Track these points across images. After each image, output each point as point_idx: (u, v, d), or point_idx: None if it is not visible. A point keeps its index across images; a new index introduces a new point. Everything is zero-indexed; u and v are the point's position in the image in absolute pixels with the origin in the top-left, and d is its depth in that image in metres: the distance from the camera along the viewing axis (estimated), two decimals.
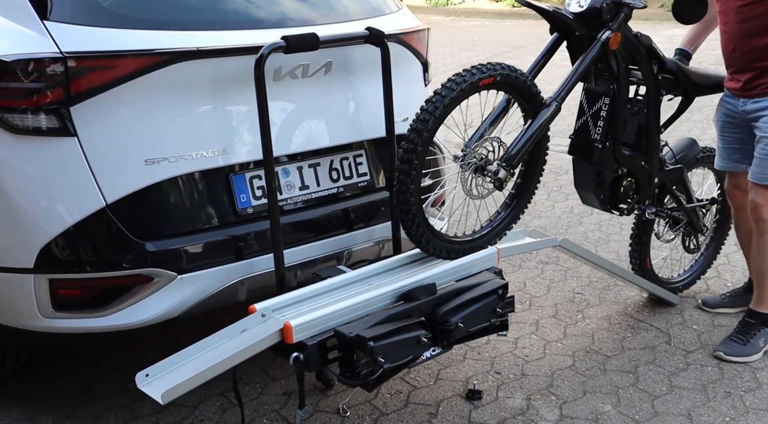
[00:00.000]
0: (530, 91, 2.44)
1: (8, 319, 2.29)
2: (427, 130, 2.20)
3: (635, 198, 2.99)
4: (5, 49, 2.11)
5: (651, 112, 2.89)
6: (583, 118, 2.83)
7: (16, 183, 2.17)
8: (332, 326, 2.17)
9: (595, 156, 2.80)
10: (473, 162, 2.38)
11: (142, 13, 2.33)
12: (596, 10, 2.53)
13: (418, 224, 2.30)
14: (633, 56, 2.75)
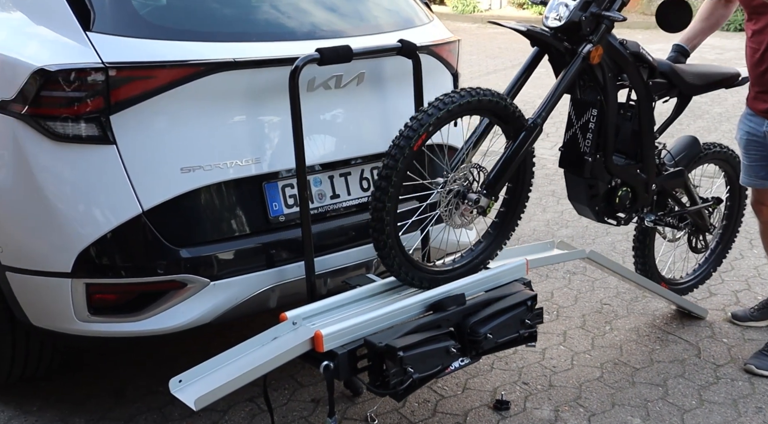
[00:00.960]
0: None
1: (45, 322, 2.34)
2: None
3: (632, 207, 2.89)
4: (49, 58, 2.16)
5: (643, 119, 2.77)
6: (571, 131, 2.73)
7: (57, 189, 2.22)
8: (362, 335, 2.19)
9: (585, 169, 2.69)
10: (453, 189, 2.31)
11: (181, 25, 2.38)
12: (575, 23, 2.44)
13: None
14: (619, 65, 2.64)
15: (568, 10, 2.44)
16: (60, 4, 2.26)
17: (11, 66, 2.25)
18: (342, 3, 2.84)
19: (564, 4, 2.46)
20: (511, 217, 2.58)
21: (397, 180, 2.14)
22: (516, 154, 2.37)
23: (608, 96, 2.61)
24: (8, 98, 2.21)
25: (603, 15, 2.43)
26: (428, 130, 2.16)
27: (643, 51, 2.70)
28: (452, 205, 2.33)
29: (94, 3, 2.26)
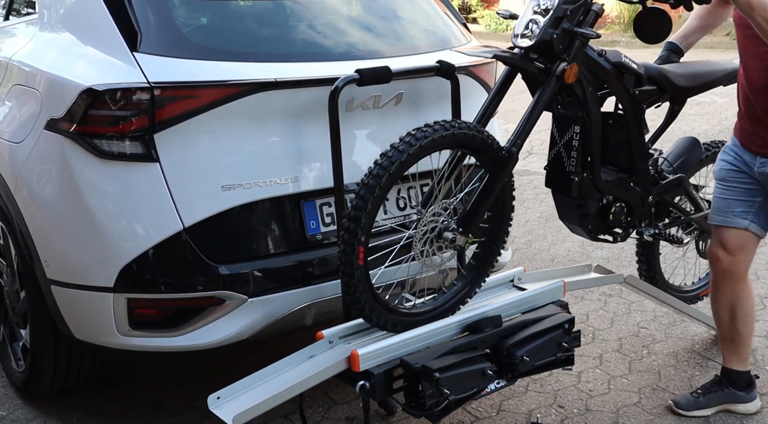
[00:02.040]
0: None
1: (87, 335, 2.38)
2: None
3: (629, 222, 2.71)
4: (97, 78, 2.22)
5: (632, 130, 2.57)
6: (555, 149, 2.55)
7: (101, 205, 2.27)
8: (398, 356, 2.19)
9: (573, 189, 2.52)
10: (427, 229, 2.21)
11: (223, 46, 2.43)
12: (546, 42, 2.27)
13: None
14: (600, 78, 2.47)
15: (538, 27, 2.28)
16: (108, 26, 2.32)
17: (60, 85, 2.32)
18: (380, 23, 2.88)
19: (534, 20, 2.30)
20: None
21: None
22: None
23: (590, 111, 2.46)
24: (57, 117, 2.27)
25: (576, 32, 2.27)
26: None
27: (625, 60, 2.52)
28: (427, 246, 2.22)
29: (141, 24, 2.32)
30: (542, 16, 2.28)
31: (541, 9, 2.30)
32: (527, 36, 2.30)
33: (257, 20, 2.66)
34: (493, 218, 2.39)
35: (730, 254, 2.59)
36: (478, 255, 2.43)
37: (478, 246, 2.41)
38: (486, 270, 2.43)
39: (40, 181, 2.38)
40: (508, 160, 2.24)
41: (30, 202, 2.39)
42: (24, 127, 2.41)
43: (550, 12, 2.27)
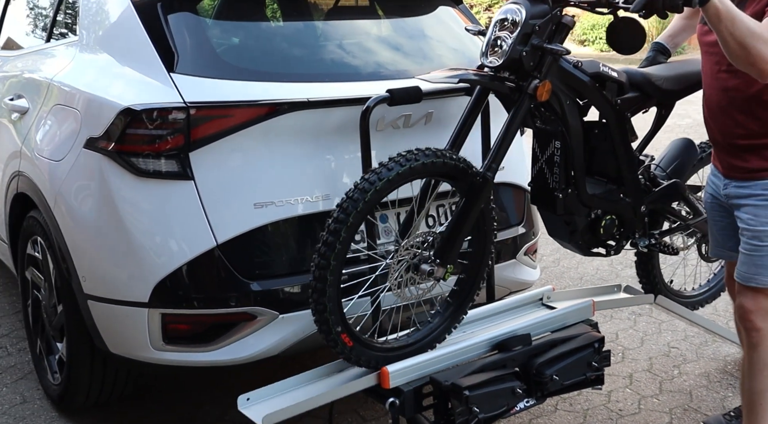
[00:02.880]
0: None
1: (122, 349, 2.43)
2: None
3: (622, 234, 2.60)
4: (135, 98, 2.28)
5: (616, 140, 2.45)
6: (537, 165, 2.46)
7: (137, 222, 2.32)
8: (428, 373, 2.20)
9: (558, 207, 2.41)
10: (404, 260, 2.15)
11: (257, 66, 2.48)
12: (516, 61, 2.17)
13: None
14: (577, 90, 2.36)
15: (506, 45, 2.16)
16: (146, 47, 2.39)
17: (99, 105, 2.39)
18: (409, 43, 2.91)
19: (502, 38, 2.18)
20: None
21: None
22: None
23: (569, 126, 2.35)
24: (96, 135, 2.34)
25: (546, 48, 2.17)
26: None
27: (604, 69, 2.41)
28: (404, 278, 2.17)
29: (178, 46, 2.38)
30: (510, 32, 2.17)
31: (508, 24, 2.19)
32: (496, 54, 2.20)
33: (289, 41, 2.71)
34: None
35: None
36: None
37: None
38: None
39: (79, 198, 2.45)
40: (483, 185, 2.18)
41: (68, 218, 2.45)
42: (64, 145, 2.48)
43: (517, 27, 2.16)
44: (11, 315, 3.59)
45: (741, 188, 2.28)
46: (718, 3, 1.95)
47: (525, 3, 2.18)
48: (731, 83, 2.22)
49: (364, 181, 2.03)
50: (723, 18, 1.96)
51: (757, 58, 1.96)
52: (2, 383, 3.01)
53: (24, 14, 3.36)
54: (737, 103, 2.22)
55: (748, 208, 2.27)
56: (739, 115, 2.23)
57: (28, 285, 2.91)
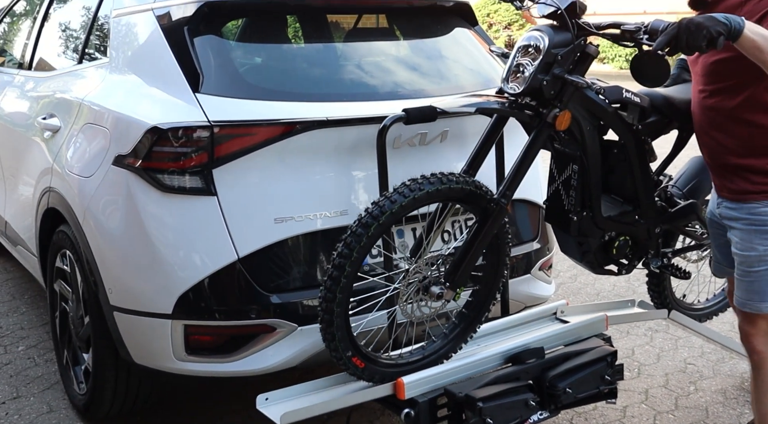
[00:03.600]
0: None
1: (146, 360, 2.50)
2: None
3: (635, 255, 2.60)
4: (161, 117, 2.38)
5: (635, 164, 2.43)
6: (554, 185, 2.47)
7: (162, 236, 2.40)
8: (442, 385, 2.25)
9: (572, 228, 2.41)
10: (414, 282, 2.18)
11: (278, 86, 2.57)
12: (536, 89, 2.17)
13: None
14: (598, 116, 2.34)
15: (527, 72, 2.17)
16: (173, 69, 2.49)
17: (127, 124, 2.48)
18: (426, 63, 2.99)
19: (524, 65, 2.18)
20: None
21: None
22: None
23: (588, 151, 2.35)
24: (124, 153, 2.43)
25: (567, 79, 2.15)
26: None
27: (626, 96, 2.39)
28: (413, 299, 2.20)
29: (203, 67, 2.48)
30: (532, 59, 2.17)
31: (531, 51, 2.19)
32: (517, 80, 2.20)
33: (309, 62, 2.81)
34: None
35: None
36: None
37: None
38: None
39: (106, 213, 2.54)
40: (496, 211, 2.19)
41: (97, 232, 2.55)
42: (93, 162, 2.58)
43: (540, 55, 2.15)
44: (38, 327, 3.69)
45: (731, 210, 2.27)
46: (752, 35, 1.90)
47: (548, 31, 2.18)
48: (709, 102, 2.22)
49: (367, 214, 2.05)
50: (763, 47, 1.91)
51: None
52: (29, 392, 3.10)
53: (56, 37, 3.49)
54: (717, 122, 2.22)
55: (736, 231, 2.26)
56: (719, 135, 2.23)
57: (57, 297, 3.01)
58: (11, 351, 3.45)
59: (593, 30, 2.20)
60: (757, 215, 2.19)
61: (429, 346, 2.35)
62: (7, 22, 4.29)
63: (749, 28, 1.90)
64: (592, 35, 2.22)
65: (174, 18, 2.57)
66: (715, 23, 1.89)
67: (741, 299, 2.28)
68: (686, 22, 1.92)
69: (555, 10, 2.17)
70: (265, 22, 2.82)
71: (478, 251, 2.22)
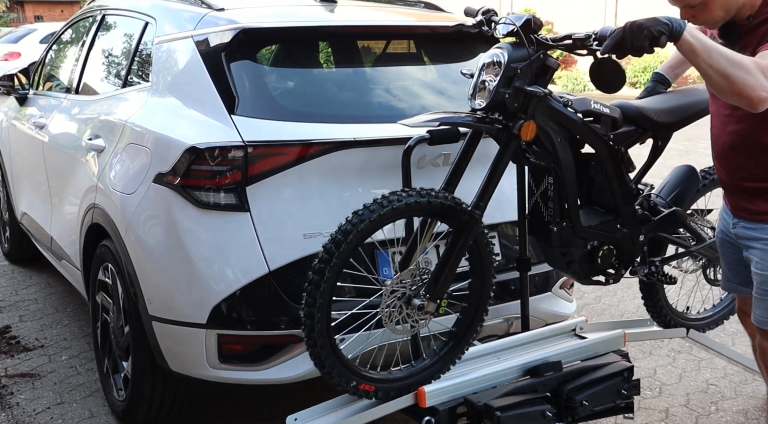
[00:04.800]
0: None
1: (181, 367, 2.64)
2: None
3: (621, 264, 2.61)
4: (199, 138, 2.53)
5: (610, 174, 2.48)
6: (533, 199, 2.52)
7: (198, 250, 2.54)
8: (462, 394, 2.34)
9: (554, 239, 2.46)
10: (397, 295, 2.24)
11: (309, 108, 2.72)
12: (500, 103, 2.25)
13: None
14: (568, 128, 2.39)
15: (490, 87, 2.24)
16: (210, 92, 2.65)
17: (167, 144, 2.64)
18: (451, 87, 3.11)
19: (487, 81, 2.26)
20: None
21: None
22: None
23: (561, 162, 2.39)
24: (164, 171, 2.59)
25: (526, 91, 2.23)
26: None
27: (594, 107, 2.44)
28: (396, 311, 2.25)
29: (239, 90, 2.63)
30: (494, 75, 2.25)
31: (493, 67, 2.26)
32: (482, 96, 2.28)
33: (339, 85, 2.95)
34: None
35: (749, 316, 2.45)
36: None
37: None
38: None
39: (147, 228, 2.69)
40: (470, 223, 2.26)
41: (137, 246, 2.70)
42: (135, 180, 2.74)
43: (501, 69, 2.23)
44: (80, 338, 3.86)
45: (749, 230, 2.28)
46: (691, 38, 1.95)
47: (508, 47, 2.27)
48: (733, 127, 2.23)
49: (347, 222, 2.15)
50: (699, 52, 1.95)
51: (742, 86, 1.91)
52: (72, 399, 3.26)
53: (101, 63, 3.70)
54: (739, 145, 2.23)
55: (756, 251, 2.26)
56: (741, 158, 2.24)
57: (98, 309, 3.16)
58: (55, 360, 3.62)
59: (549, 43, 2.29)
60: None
61: (418, 364, 2.39)
62: (54, 50, 4.53)
63: (690, 32, 1.95)
64: (549, 48, 2.30)
65: (212, 44, 2.74)
66: (657, 23, 1.95)
67: (761, 317, 2.30)
68: (629, 25, 2.00)
69: (512, 29, 2.28)
70: (297, 47, 2.97)
71: (456, 263, 2.28)
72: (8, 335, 3.90)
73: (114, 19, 3.73)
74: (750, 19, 2.09)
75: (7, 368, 3.52)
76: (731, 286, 2.55)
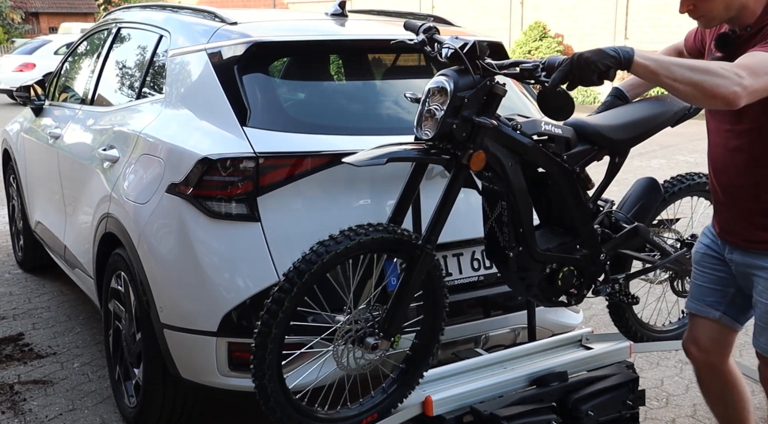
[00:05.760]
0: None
1: (192, 374, 2.67)
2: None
3: (583, 284, 2.54)
4: (211, 149, 2.58)
5: (566, 194, 2.42)
6: (488, 224, 2.46)
7: (209, 259, 2.59)
8: (469, 403, 2.37)
9: (510, 264, 2.40)
10: (349, 334, 2.21)
11: (319, 120, 2.76)
12: (447, 134, 2.18)
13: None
14: (519, 152, 2.32)
15: (437, 117, 2.17)
16: (222, 104, 2.70)
17: (179, 154, 2.69)
18: None
19: (434, 108, 2.18)
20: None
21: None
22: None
23: (513, 187, 2.32)
24: (177, 181, 2.64)
25: (474, 121, 2.16)
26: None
27: (546, 128, 2.37)
28: (348, 349, 2.23)
29: (251, 102, 2.68)
30: (441, 104, 2.17)
31: (439, 95, 2.19)
32: (429, 125, 2.20)
33: (348, 98, 3.00)
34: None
35: (702, 351, 2.39)
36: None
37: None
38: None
39: (159, 237, 2.74)
40: (423, 257, 2.22)
41: (150, 255, 2.75)
42: (148, 190, 2.80)
43: (447, 98, 2.16)
44: (92, 346, 3.91)
45: (748, 257, 2.17)
46: (644, 61, 1.89)
47: (453, 74, 2.17)
48: (734, 143, 2.14)
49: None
50: (657, 71, 1.89)
51: (713, 88, 1.85)
52: (84, 405, 3.30)
53: (116, 75, 3.77)
54: (738, 163, 2.14)
55: (758, 279, 2.15)
56: (739, 176, 2.15)
57: (111, 316, 3.21)
58: (67, 368, 3.67)
59: (496, 70, 2.19)
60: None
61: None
62: (70, 62, 4.61)
63: (640, 55, 1.90)
64: (496, 75, 2.20)
65: (225, 57, 2.79)
66: (604, 57, 1.91)
67: (765, 345, 2.21)
68: (577, 59, 1.94)
69: (456, 54, 2.17)
70: (308, 60, 3.03)
71: (408, 299, 2.24)
72: (21, 343, 3.95)
73: (129, 32, 3.80)
74: (748, 29, 2.06)
75: (20, 375, 3.58)
76: (698, 306, 2.38)
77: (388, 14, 3.80)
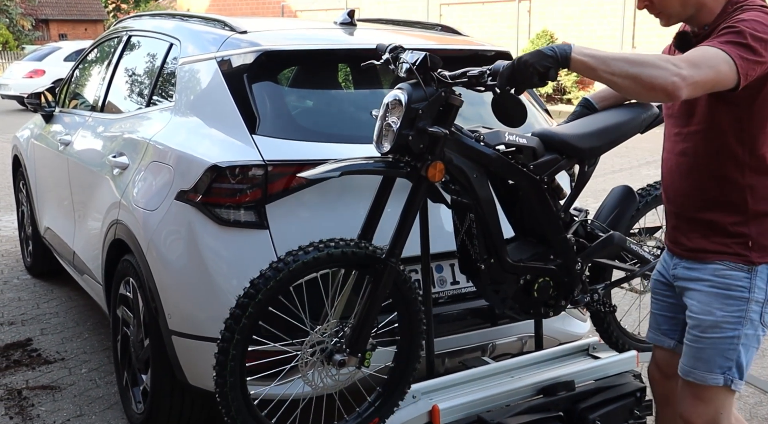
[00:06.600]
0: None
1: (199, 381, 2.68)
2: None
3: (559, 295, 2.51)
4: (220, 156, 2.60)
5: (535, 204, 2.41)
6: (459, 237, 2.44)
7: (218, 266, 2.60)
8: (476, 412, 2.37)
9: (483, 277, 2.38)
10: (315, 351, 2.19)
11: (327, 129, 2.78)
12: (404, 146, 2.17)
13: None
14: (483, 163, 2.31)
15: (394, 129, 2.18)
16: (232, 112, 2.72)
17: (189, 162, 2.71)
18: (468, 110, 3.14)
19: (391, 122, 2.19)
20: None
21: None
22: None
23: (479, 199, 2.31)
24: (186, 189, 2.66)
25: (429, 132, 2.15)
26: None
27: (510, 139, 2.36)
28: (315, 366, 2.20)
29: (260, 110, 2.71)
30: (398, 117, 2.17)
31: (395, 108, 2.19)
32: (387, 139, 2.21)
33: (355, 106, 3.02)
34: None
35: (665, 378, 2.31)
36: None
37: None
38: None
39: (168, 244, 2.76)
40: (386, 272, 2.21)
41: (158, 262, 2.76)
42: (158, 197, 2.82)
43: (402, 112, 2.16)
44: (100, 352, 3.93)
45: (690, 270, 2.10)
46: (581, 56, 1.87)
47: (407, 87, 2.19)
48: (680, 146, 2.09)
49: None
50: (594, 66, 1.86)
51: (651, 80, 1.80)
52: (92, 411, 3.31)
53: (127, 83, 3.80)
54: (684, 168, 2.09)
55: (694, 293, 2.08)
56: (684, 183, 2.10)
57: (119, 322, 3.23)
58: (75, 373, 3.69)
59: (449, 81, 2.18)
60: (722, 278, 2.03)
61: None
62: (80, 69, 4.65)
63: (578, 52, 1.87)
64: (449, 85, 2.19)
65: (234, 65, 2.82)
66: (541, 58, 1.90)
67: (686, 366, 2.08)
68: (516, 62, 1.94)
69: (409, 68, 2.18)
70: (317, 69, 3.05)
71: (374, 314, 2.22)
72: (30, 348, 3.97)
73: (139, 40, 3.83)
74: (705, 28, 2.02)
75: (29, 381, 3.59)
76: (655, 335, 2.32)
77: (396, 23, 3.82)
